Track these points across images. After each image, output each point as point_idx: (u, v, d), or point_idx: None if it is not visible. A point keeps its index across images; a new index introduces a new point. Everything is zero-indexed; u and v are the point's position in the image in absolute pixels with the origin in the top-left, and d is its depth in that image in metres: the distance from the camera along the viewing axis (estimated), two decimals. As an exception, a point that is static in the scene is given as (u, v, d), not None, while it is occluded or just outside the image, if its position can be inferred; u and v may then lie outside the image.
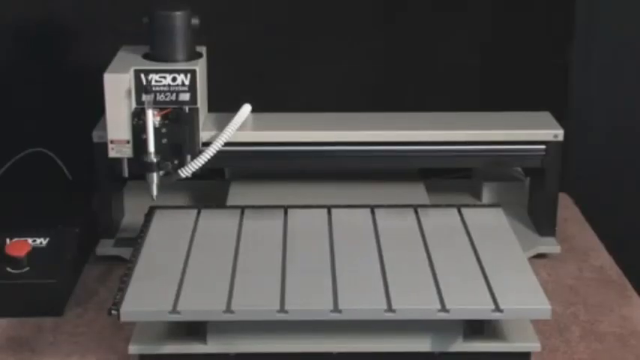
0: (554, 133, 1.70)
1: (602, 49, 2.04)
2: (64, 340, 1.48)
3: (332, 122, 1.73)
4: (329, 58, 2.00)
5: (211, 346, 1.41)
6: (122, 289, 1.40)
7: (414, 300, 1.39)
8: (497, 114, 1.78)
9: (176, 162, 1.61)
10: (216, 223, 1.63)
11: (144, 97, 1.56)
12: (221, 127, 1.65)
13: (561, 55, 2.02)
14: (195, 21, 1.64)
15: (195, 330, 1.41)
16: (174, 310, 1.35)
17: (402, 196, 1.77)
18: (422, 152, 1.70)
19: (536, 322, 1.46)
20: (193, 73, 1.60)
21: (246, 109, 1.68)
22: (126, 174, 1.66)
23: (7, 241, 1.59)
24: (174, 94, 1.60)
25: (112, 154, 1.62)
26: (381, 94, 2.03)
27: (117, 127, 1.60)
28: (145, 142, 1.57)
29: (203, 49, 1.70)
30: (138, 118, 1.58)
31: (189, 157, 1.61)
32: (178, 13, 1.62)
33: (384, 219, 1.64)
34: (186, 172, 1.61)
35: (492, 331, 1.43)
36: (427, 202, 1.76)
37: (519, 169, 1.91)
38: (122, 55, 1.67)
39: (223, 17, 1.91)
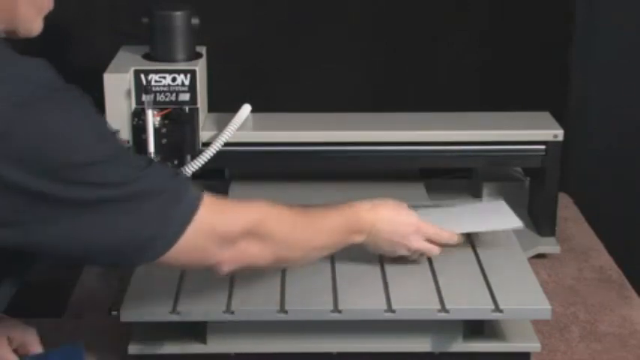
0: (554, 133, 1.70)
1: (602, 49, 2.04)
2: (64, 340, 1.48)
3: (332, 122, 1.73)
4: (329, 58, 2.00)
5: (211, 346, 1.41)
6: (122, 289, 1.40)
7: (414, 300, 1.38)
8: (497, 114, 1.78)
9: (176, 162, 1.61)
10: (216, 223, 1.63)
11: (144, 97, 1.57)
12: (221, 127, 1.65)
13: (561, 55, 2.02)
14: (195, 21, 1.64)
15: (195, 330, 1.41)
16: (174, 310, 1.35)
17: (402, 196, 1.76)
18: (422, 152, 1.71)
19: (536, 322, 1.46)
20: (193, 73, 1.60)
21: (246, 109, 1.68)
22: (126, 174, 1.66)
23: (7, 241, 1.59)
24: (174, 94, 1.60)
25: (112, 154, 1.62)
26: (381, 94, 2.03)
27: (117, 127, 1.59)
28: (145, 142, 1.57)
29: (203, 49, 1.70)
30: (138, 118, 1.58)
31: (189, 157, 1.61)
32: (178, 13, 1.62)
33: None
34: (186, 172, 1.61)
35: (492, 331, 1.43)
36: (427, 202, 1.76)
37: (519, 169, 1.91)
38: (122, 55, 1.67)
39: (223, 17, 1.91)
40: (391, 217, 1.41)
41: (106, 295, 1.59)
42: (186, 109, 1.61)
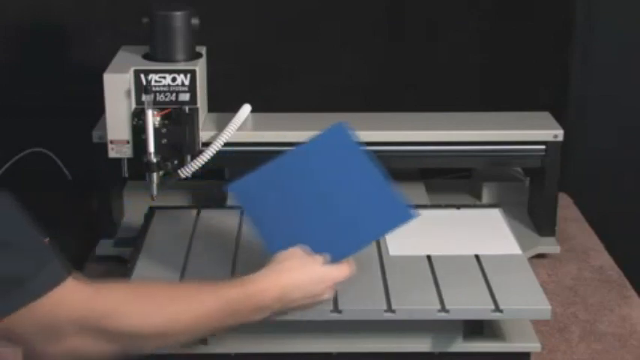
0: (554, 133, 1.70)
1: (602, 49, 2.04)
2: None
3: (332, 122, 1.73)
4: (329, 58, 2.00)
5: (211, 346, 1.41)
6: (122, 289, 1.40)
7: (414, 300, 1.39)
8: (497, 114, 1.78)
9: (176, 162, 1.61)
10: (216, 223, 1.63)
11: (144, 97, 1.56)
12: (221, 127, 1.65)
13: (561, 55, 2.02)
14: (195, 21, 1.64)
15: (195, 330, 1.41)
16: (174, 310, 1.35)
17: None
18: (422, 152, 1.70)
19: (536, 322, 1.46)
20: (193, 73, 1.60)
21: (246, 109, 1.68)
22: (126, 174, 1.66)
23: (7, 241, 1.59)
24: (174, 94, 1.60)
25: (111, 154, 1.62)
26: (381, 94, 2.03)
27: (117, 127, 1.60)
28: (144, 142, 1.57)
29: (203, 49, 1.70)
30: (138, 118, 1.58)
31: (189, 157, 1.61)
32: (178, 13, 1.62)
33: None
34: (186, 172, 1.61)
35: (492, 331, 1.43)
36: (427, 202, 1.76)
37: (519, 169, 1.91)
38: (122, 55, 1.67)
39: (223, 17, 1.91)
40: (299, 281, 1.25)
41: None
42: (186, 109, 1.61)
